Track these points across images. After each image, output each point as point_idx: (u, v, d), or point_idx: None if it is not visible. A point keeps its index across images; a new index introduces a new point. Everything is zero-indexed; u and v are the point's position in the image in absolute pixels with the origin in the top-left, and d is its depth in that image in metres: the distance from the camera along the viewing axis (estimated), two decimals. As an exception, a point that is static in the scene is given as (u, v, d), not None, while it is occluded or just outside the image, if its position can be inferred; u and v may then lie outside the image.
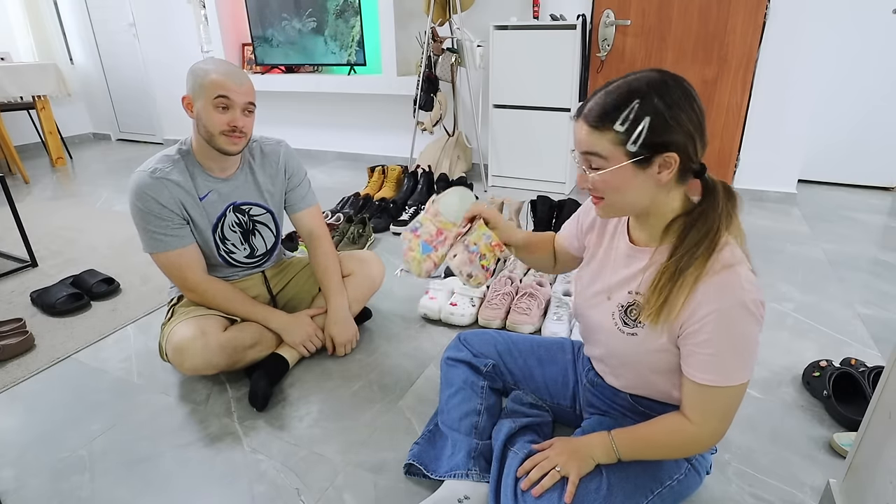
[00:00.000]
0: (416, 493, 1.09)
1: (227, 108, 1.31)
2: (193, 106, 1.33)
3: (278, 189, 1.54)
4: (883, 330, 1.70)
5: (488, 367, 1.20)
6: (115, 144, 5.04)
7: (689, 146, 0.79)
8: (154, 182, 1.33)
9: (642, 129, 0.77)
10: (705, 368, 0.81)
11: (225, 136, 1.33)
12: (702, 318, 0.79)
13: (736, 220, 0.84)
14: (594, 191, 0.86)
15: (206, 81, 1.29)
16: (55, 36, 4.84)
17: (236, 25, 4.11)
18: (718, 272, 0.78)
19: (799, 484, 1.11)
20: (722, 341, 0.79)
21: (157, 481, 1.16)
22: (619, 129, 0.78)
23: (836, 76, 3.02)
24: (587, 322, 1.02)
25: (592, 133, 0.81)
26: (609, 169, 0.81)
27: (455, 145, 3.46)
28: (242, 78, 1.34)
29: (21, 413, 1.38)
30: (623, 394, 1.01)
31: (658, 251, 0.87)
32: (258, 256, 1.55)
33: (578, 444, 0.94)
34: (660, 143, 0.78)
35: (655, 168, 0.80)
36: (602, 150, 0.80)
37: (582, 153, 0.83)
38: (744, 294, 0.77)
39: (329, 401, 1.40)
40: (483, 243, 1.05)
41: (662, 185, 0.82)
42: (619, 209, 0.87)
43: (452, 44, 3.17)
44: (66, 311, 1.85)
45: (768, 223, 2.67)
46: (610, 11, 2.93)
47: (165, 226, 1.35)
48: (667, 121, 0.77)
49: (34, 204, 3.17)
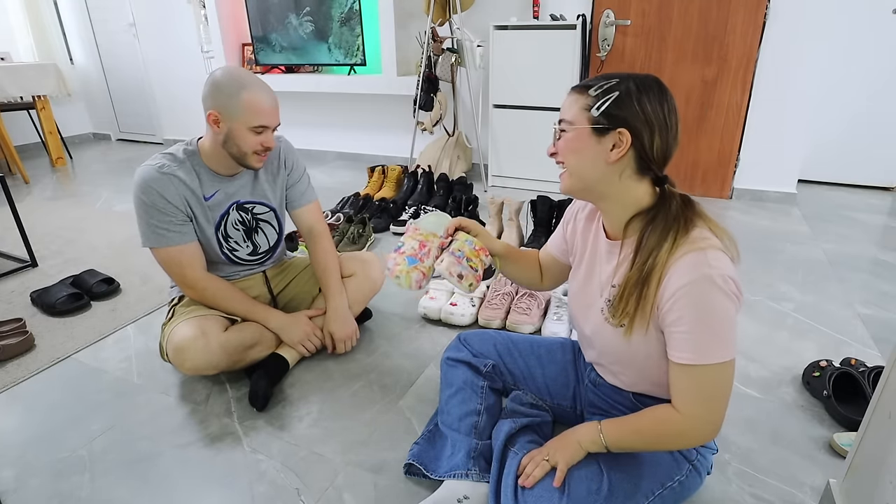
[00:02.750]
0: (416, 493, 1.09)
1: (262, 132, 1.33)
2: (221, 123, 1.32)
3: (279, 186, 1.54)
4: (883, 330, 1.70)
5: (488, 367, 1.20)
6: (115, 144, 5.04)
7: (645, 133, 0.84)
8: (161, 177, 1.33)
9: (608, 99, 0.84)
10: (681, 347, 0.82)
11: (256, 156, 1.36)
12: (671, 296, 0.81)
13: (710, 221, 0.86)
14: (558, 156, 0.92)
15: (245, 104, 1.29)
16: (55, 36, 4.84)
17: (236, 25, 4.11)
18: (687, 254, 0.81)
19: (799, 484, 1.11)
20: (692, 317, 0.80)
21: (156, 481, 1.16)
22: (592, 94, 0.86)
23: (836, 76, 3.02)
24: (580, 324, 1.03)
25: (571, 97, 0.89)
26: (573, 128, 0.88)
27: (455, 145, 3.46)
28: (275, 100, 1.35)
29: (21, 413, 1.38)
30: (625, 392, 1.01)
31: (625, 244, 0.92)
32: (261, 254, 1.55)
33: (568, 433, 0.97)
34: (618, 117, 0.84)
35: (609, 143, 0.85)
36: (572, 115, 0.88)
37: (558, 122, 0.91)
38: (710, 269, 0.79)
39: (329, 401, 1.40)
40: (468, 249, 1.06)
41: (613, 165, 0.86)
42: (577, 177, 0.90)
43: (452, 44, 3.17)
44: (66, 311, 1.85)
45: (768, 223, 2.67)
46: (610, 11, 2.93)
47: (168, 221, 1.35)
48: (632, 101, 0.84)
49: (34, 204, 3.17)
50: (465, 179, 2.97)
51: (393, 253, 1.12)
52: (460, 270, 1.05)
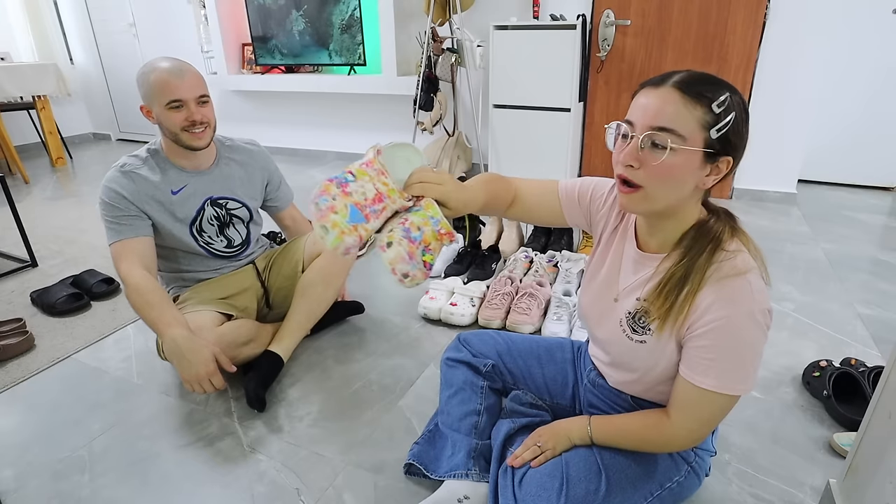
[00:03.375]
0: (416, 493, 1.09)
1: (181, 107, 1.35)
2: (152, 113, 1.38)
3: (256, 188, 1.60)
4: (883, 330, 1.70)
5: (488, 367, 1.20)
6: (115, 144, 5.04)
7: (740, 160, 0.77)
8: (121, 175, 1.40)
9: (730, 121, 0.72)
10: (705, 373, 0.80)
11: (187, 133, 1.38)
12: (708, 322, 0.77)
13: (744, 234, 0.82)
14: (637, 174, 0.76)
15: (153, 86, 1.34)
16: (55, 36, 4.84)
17: (236, 25, 4.11)
18: (731, 278, 0.76)
19: (799, 484, 1.11)
20: (725, 348, 0.78)
21: (156, 481, 1.16)
22: (716, 110, 0.72)
23: (836, 76, 3.02)
24: (594, 329, 1.01)
25: (681, 103, 0.72)
26: (683, 148, 0.72)
27: (455, 145, 3.46)
28: (184, 73, 1.36)
29: (21, 413, 1.38)
30: (625, 394, 1.01)
31: (667, 258, 0.84)
32: (235, 247, 1.60)
33: (560, 423, 1.01)
34: (730, 144, 0.74)
35: (709, 169, 0.75)
36: (684, 127, 0.72)
37: (653, 128, 0.73)
38: (753, 304, 0.75)
39: (329, 401, 1.40)
40: (430, 230, 0.80)
41: (699, 191, 0.79)
42: (652, 202, 0.78)
43: (452, 44, 3.17)
44: (66, 311, 1.85)
45: (768, 223, 2.67)
46: (610, 11, 2.93)
47: (121, 216, 1.38)
48: (744, 125, 0.75)
49: (34, 204, 3.17)
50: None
51: (331, 184, 0.80)
52: (408, 269, 0.78)
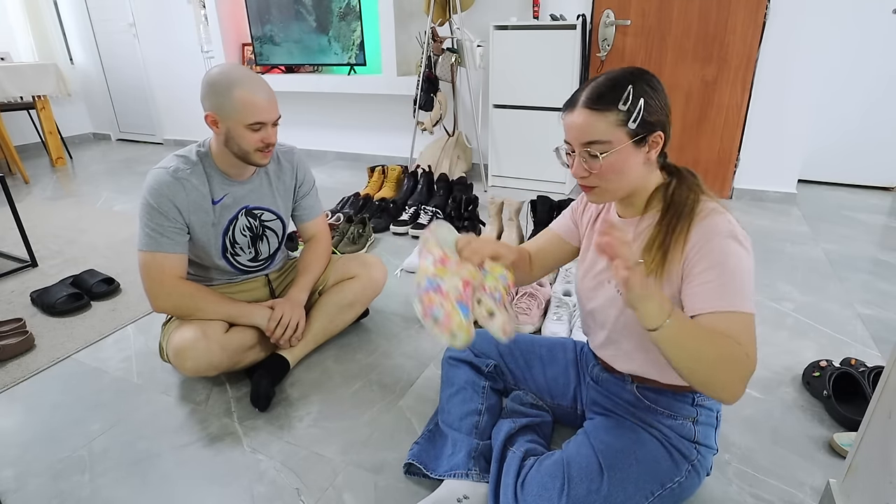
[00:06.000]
0: (416, 493, 1.09)
1: (261, 129, 1.31)
2: (220, 124, 1.31)
3: (289, 196, 1.55)
4: (883, 330, 1.70)
5: (490, 367, 1.20)
6: (115, 144, 5.04)
7: (668, 127, 0.89)
8: (174, 182, 1.32)
9: (640, 108, 0.84)
10: (713, 297, 0.81)
11: (259, 153, 1.34)
12: (699, 251, 0.84)
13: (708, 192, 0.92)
14: (590, 179, 0.90)
15: (237, 102, 1.27)
16: (55, 36, 4.84)
17: (236, 25, 4.11)
18: (708, 215, 0.86)
19: (799, 484, 1.11)
20: (720, 265, 0.82)
21: (156, 481, 1.16)
22: (622, 108, 0.84)
23: (836, 76, 3.02)
24: (590, 304, 1.03)
25: (593, 116, 0.85)
26: (614, 150, 0.86)
27: (455, 145, 3.46)
28: (270, 93, 1.32)
29: (21, 413, 1.38)
30: (628, 387, 1.01)
31: (643, 219, 0.94)
32: (261, 261, 1.55)
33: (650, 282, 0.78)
34: (651, 123, 0.86)
35: (646, 147, 0.88)
36: (603, 134, 0.85)
37: (582, 144, 0.88)
38: (732, 227, 0.85)
39: (329, 401, 1.40)
40: (502, 285, 0.93)
41: (649, 164, 0.90)
42: (612, 193, 0.92)
43: (452, 44, 3.17)
44: (66, 311, 1.85)
45: (768, 223, 2.67)
46: (610, 11, 2.93)
47: (167, 227, 1.33)
48: (656, 102, 0.86)
49: (34, 204, 3.17)
50: (465, 179, 2.97)
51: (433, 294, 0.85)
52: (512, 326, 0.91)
